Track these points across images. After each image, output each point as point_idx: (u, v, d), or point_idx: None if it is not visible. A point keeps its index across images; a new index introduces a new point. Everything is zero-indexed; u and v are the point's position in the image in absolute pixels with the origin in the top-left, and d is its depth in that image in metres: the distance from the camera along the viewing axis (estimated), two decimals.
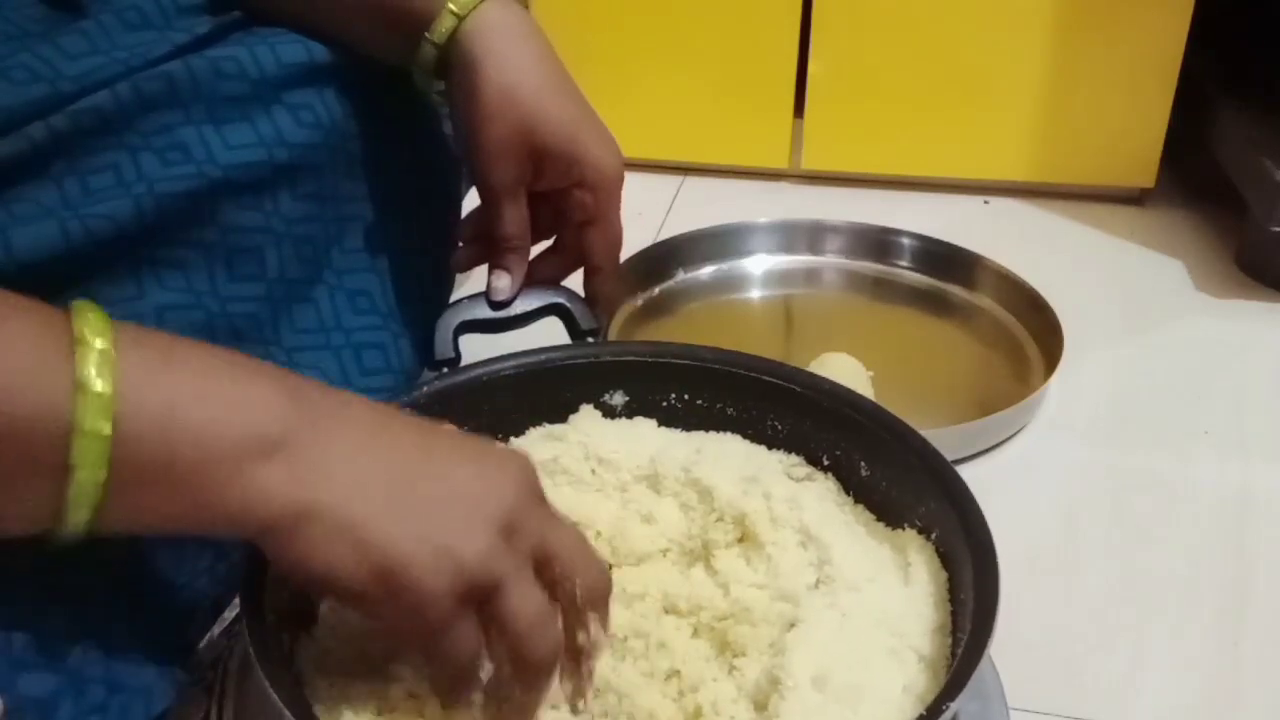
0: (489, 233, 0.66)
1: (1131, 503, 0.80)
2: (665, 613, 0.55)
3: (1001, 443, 0.84)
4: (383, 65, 0.64)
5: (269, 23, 0.61)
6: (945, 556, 0.55)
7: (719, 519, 0.58)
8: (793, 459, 0.62)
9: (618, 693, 0.50)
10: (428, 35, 0.62)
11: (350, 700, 0.48)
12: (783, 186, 1.24)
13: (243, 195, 0.58)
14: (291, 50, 0.60)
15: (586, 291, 0.69)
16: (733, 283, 1.04)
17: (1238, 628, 0.69)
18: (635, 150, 0.76)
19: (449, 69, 0.63)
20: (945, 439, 0.64)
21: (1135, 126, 1.14)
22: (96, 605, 0.47)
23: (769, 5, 1.15)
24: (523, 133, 0.62)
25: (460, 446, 0.48)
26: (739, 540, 0.58)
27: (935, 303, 1.01)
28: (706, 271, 1.04)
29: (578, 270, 0.70)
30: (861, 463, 0.60)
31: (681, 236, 1.03)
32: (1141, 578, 0.73)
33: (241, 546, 0.49)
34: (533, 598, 0.46)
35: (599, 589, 0.49)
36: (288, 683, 0.46)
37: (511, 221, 0.65)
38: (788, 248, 1.05)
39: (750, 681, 0.50)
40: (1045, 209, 1.19)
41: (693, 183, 1.24)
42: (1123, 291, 1.05)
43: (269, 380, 0.44)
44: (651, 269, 1.01)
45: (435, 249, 0.70)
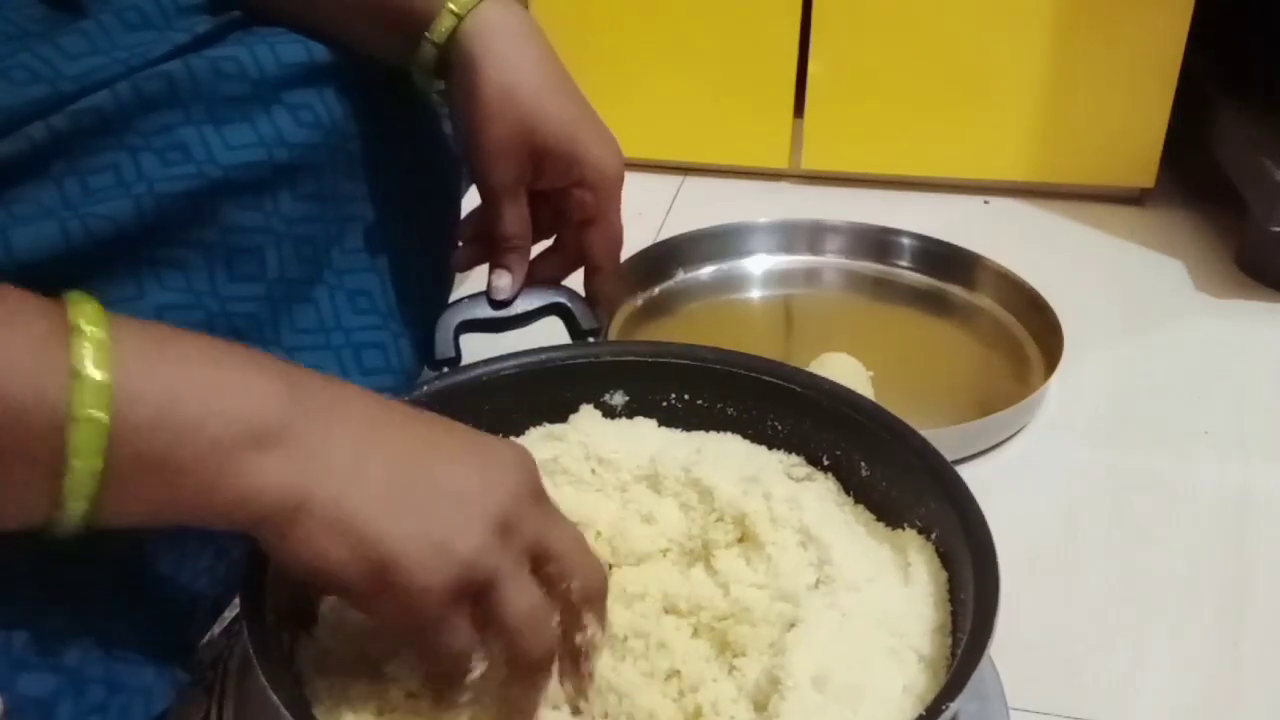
0: (489, 232, 0.66)
1: (1131, 503, 0.80)
2: (665, 613, 0.55)
3: (1001, 443, 0.84)
4: (383, 65, 0.64)
5: (269, 23, 0.61)
6: (945, 556, 0.55)
7: (719, 519, 0.58)
8: (793, 459, 0.62)
9: (618, 693, 0.50)
10: (427, 35, 0.62)
11: (350, 700, 0.48)
12: (783, 186, 1.24)
13: (243, 195, 0.58)
14: (291, 50, 0.60)
15: (587, 291, 0.69)
16: (733, 283, 1.04)
17: (1238, 628, 0.69)
18: (635, 150, 0.76)
19: (449, 69, 0.63)
20: (945, 439, 0.64)
21: (1135, 126, 1.14)
22: (96, 605, 0.47)
23: (769, 5, 1.15)
24: (523, 132, 0.62)
25: (461, 442, 0.48)
26: (739, 540, 0.58)
27: (935, 303, 1.01)
28: (706, 271, 1.04)
29: (578, 270, 0.70)
30: (861, 463, 0.60)
31: (681, 236, 1.03)
32: (1141, 578, 0.73)
33: (242, 546, 0.49)
34: (527, 596, 0.45)
35: (595, 589, 0.49)
36: (288, 683, 0.46)
37: (511, 221, 0.65)
38: (788, 248, 1.05)
39: (750, 681, 0.50)
40: (1045, 209, 1.19)
41: (693, 183, 1.24)
42: (1123, 291, 1.05)
43: (268, 371, 0.44)
44: (651, 269, 1.01)
45: (435, 249, 0.70)
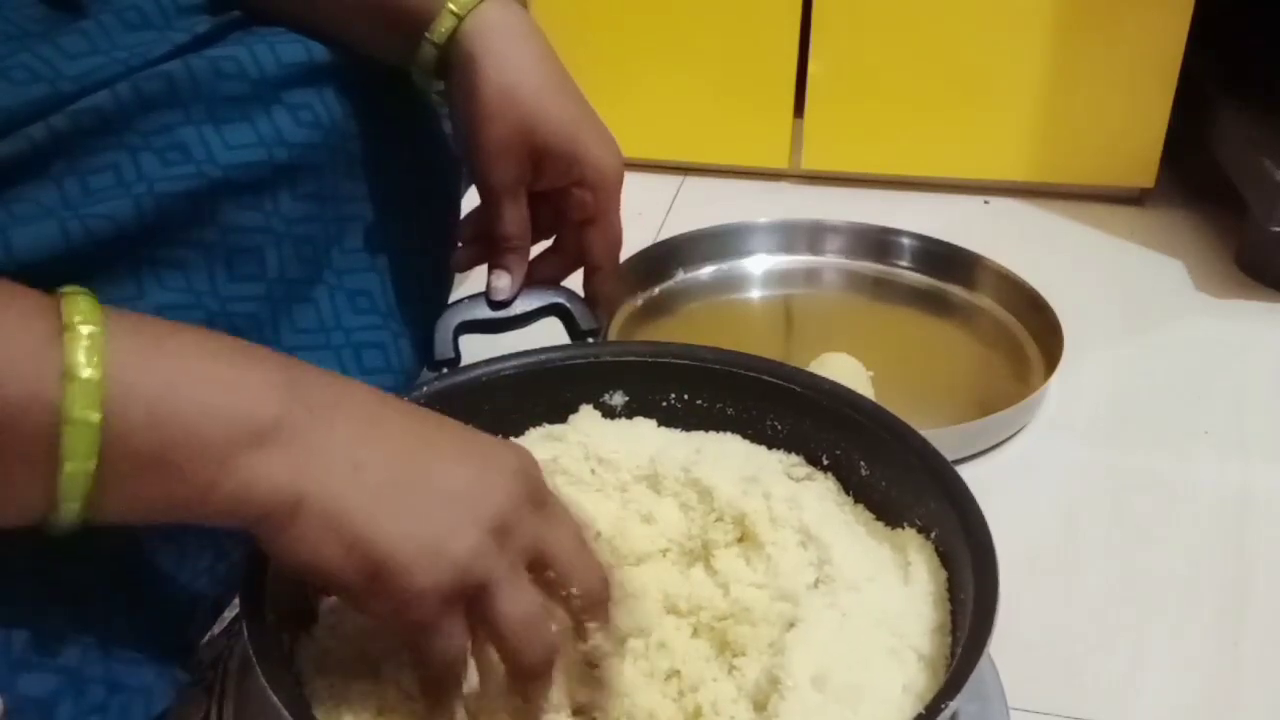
0: (489, 233, 0.66)
1: (1131, 503, 0.80)
2: (665, 613, 0.55)
3: (1001, 443, 0.84)
4: (383, 65, 0.64)
5: (269, 23, 0.61)
6: (945, 556, 0.55)
7: (719, 519, 0.58)
8: (793, 459, 0.62)
9: (618, 693, 0.50)
10: (427, 35, 0.62)
11: (349, 700, 0.48)
12: (783, 186, 1.24)
13: (243, 195, 0.58)
14: (291, 50, 0.60)
15: (586, 291, 0.69)
16: (733, 283, 1.03)
17: (1238, 628, 0.69)
18: (635, 150, 0.76)
19: (449, 69, 0.63)
20: (945, 439, 0.64)
21: (1135, 126, 1.14)
22: (96, 605, 0.47)
23: (769, 5, 1.15)
24: (523, 132, 0.62)
25: (461, 442, 0.47)
26: (739, 540, 0.58)
27: (935, 303, 1.01)
28: (706, 271, 1.04)
29: (578, 270, 0.70)
30: (861, 463, 0.60)
31: (681, 236, 1.03)
32: (1141, 578, 0.73)
33: (242, 546, 0.49)
34: (523, 600, 0.45)
35: (596, 594, 0.48)
36: (287, 683, 0.45)
37: (511, 221, 0.65)
38: (788, 248, 1.05)
39: (750, 681, 0.50)
40: (1045, 209, 1.19)
41: (693, 183, 1.24)
42: (1123, 291, 1.05)
43: (266, 366, 0.43)
44: (651, 269, 1.01)
45: (435, 249, 0.70)
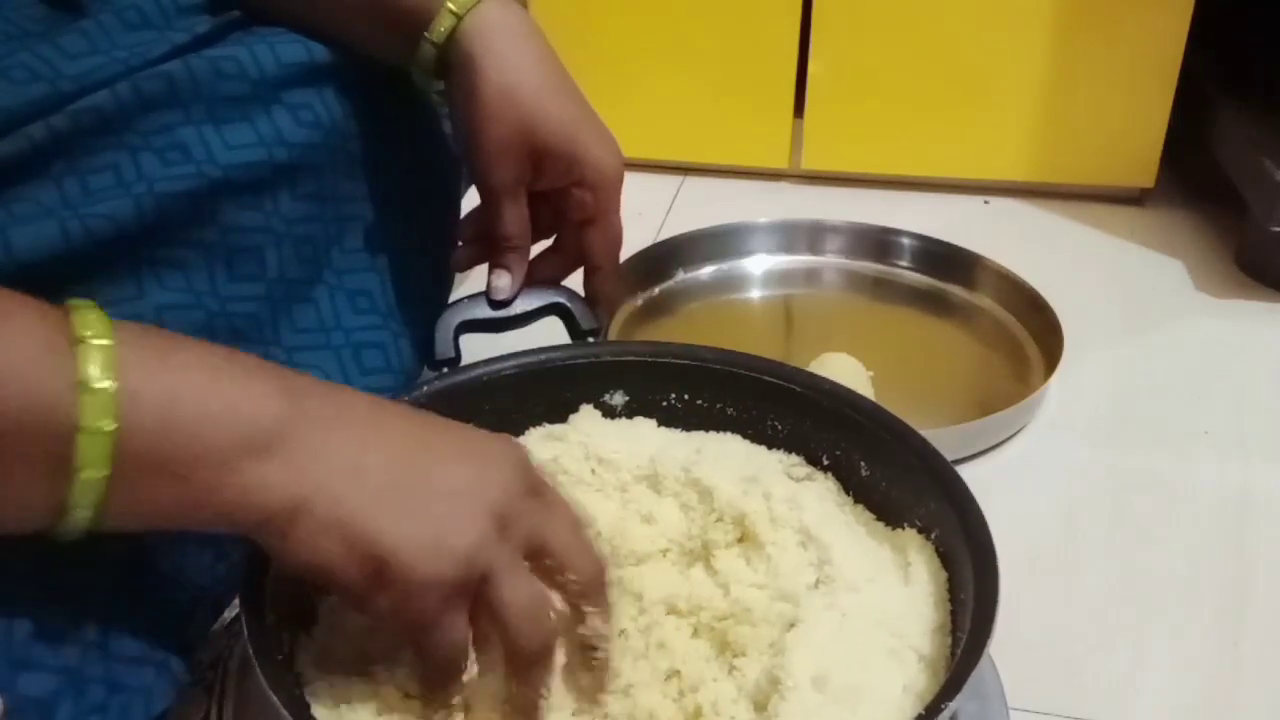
0: (489, 232, 0.66)
1: (1131, 503, 0.80)
2: (665, 613, 0.55)
3: (1001, 443, 0.84)
4: (383, 65, 0.64)
5: (269, 23, 0.61)
6: (945, 556, 0.55)
7: (719, 519, 0.58)
8: (793, 459, 0.62)
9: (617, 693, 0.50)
10: (427, 35, 0.62)
11: (350, 700, 0.48)
12: (783, 186, 1.24)
13: (243, 195, 0.58)
14: (291, 50, 0.60)
15: (586, 291, 0.69)
16: (733, 283, 1.03)
17: (1238, 628, 0.69)
18: (635, 150, 0.76)
19: (448, 69, 0.63)
20: (945, 439, 0.64)
21: (1135, 126, 1.14)
22: (96, 605, 0.47)
23: (769, 5, 1.15)
24: (523, 133, 0.62)
25: (455, 440, 0.48)
26: (739, 540, 0.58)
27: (935, 303, 1.01)
28: (706, 271, 1.04)
29: (578, 270, 0.70)
30: (861, 463, 0.60)
31: (681, 236, 1.03)
32: (1141, 578, 0.73)
33: (241, 546, 0.49)
34: (524, 588, 0.46)
35: (594, 580, 0.49)
36: (287, 683, 0.46)
37: (511, 221, 0.65)
38: (788, 248, 1.05)
39: (750, 682, 0.50)
40: (1045, 209, 1.19)
41: (693, 183, 1.24)
42: (1123, 291, 1.05)
43: (265, 377, 0.44)
44: (651, 269, 1.01)
45: (435, 249, 0.70)
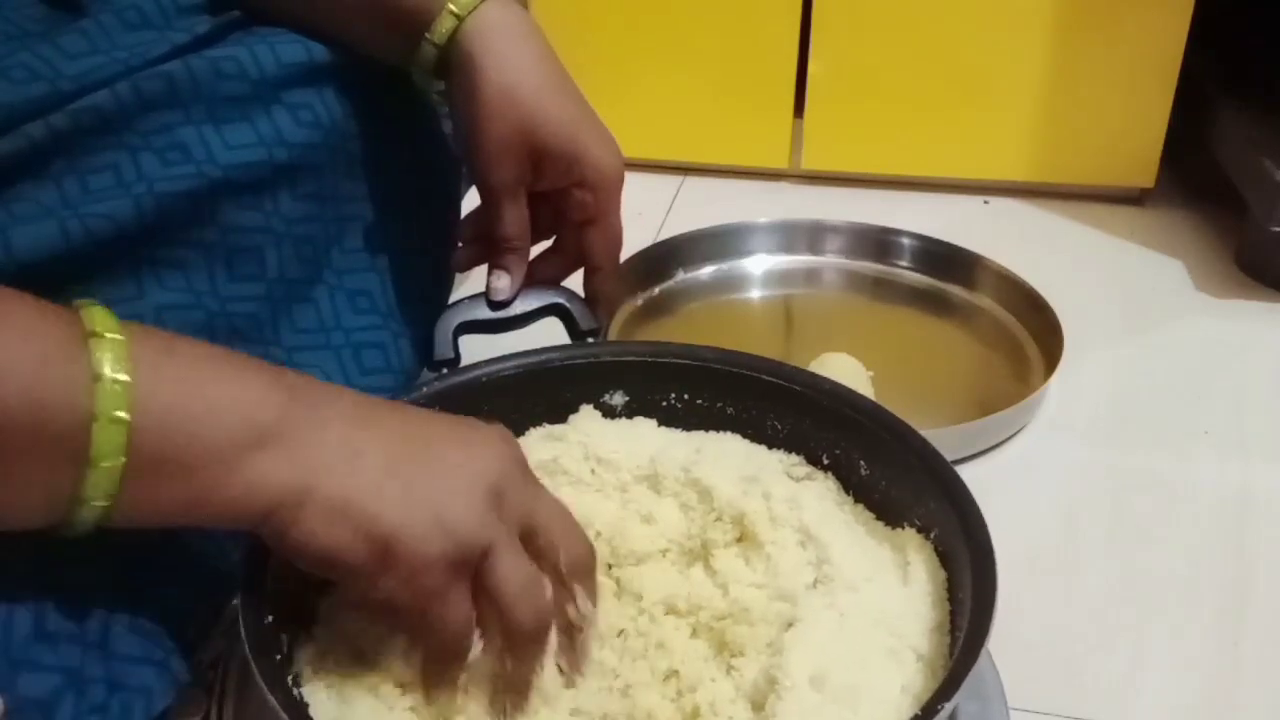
0: (489, 233, 0.66)
1: (1131, 503, 0.80)
2: (664, 613, 0.55)
3: (1001, 443, 0.84)
4: (383, 65, 0.64)
5: (269, 23, 0.61)
6: (944, 556, 0.55)
7: (718, 519, 0.58)
8: (793, 459, 0.62)
9: (616, 692, 0.51)
10: (428, 35, 0.62)
11: (348, 700, 0.48)
12: (783, 186, 1.24)
13: (243, 195, 0.58)
14: (291, 50, 0.60)
15: (586, 291, 0.69)
16: (733, 283, 1.03)
17: (1238, 628, 0.69)
18: (635, 150, 0.76)
19: (449, 69, 0.63)
20: (945, 439, 0.64)
21: (1135, 126, 1.14)
22: (97, 605, 0.48)
23: (769, 5, 1.15)
24: (523, 133, 0.62)
25: (447, 426, 0.50)
26: (738, 540, 0.58)
27: (935, 303, 1.01)
28: (706, 271, 1.04)
29: (578, 270, 0.70)
30: (861, 462, 0.60)
31: (681, 236, 1.03)
32: (1141, 578, 0.73)
33: (242, 546, 0.49)
34: (521, 566, 0.47)
35: (583, 561, 0.51)
36: (285, 683, 0.46)
37: (511, 221, 0.65)
38: (788, 248, 1.05)
39: (748, 681, 0.50)
40: (1045, 209, 1.19)
41: (693, 183, 1.24)
42: (1123, 291, 1.05)
43: (263, 374, 0.45)
44: (651, 269, 1.01)
45: (435, 249, 0.70)
